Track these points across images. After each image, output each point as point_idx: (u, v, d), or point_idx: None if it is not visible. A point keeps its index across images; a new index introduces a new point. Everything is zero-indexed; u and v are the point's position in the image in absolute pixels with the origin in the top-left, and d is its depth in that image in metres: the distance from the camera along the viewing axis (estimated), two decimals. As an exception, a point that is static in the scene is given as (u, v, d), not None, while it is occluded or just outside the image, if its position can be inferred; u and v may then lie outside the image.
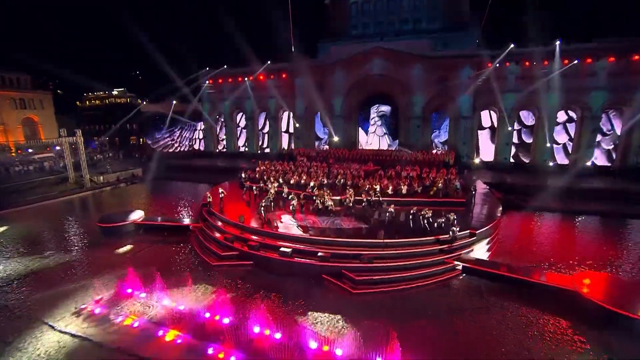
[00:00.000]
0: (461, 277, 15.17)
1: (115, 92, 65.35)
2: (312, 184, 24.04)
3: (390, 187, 22.95)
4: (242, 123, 46.71)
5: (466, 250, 16.44)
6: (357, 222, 18.68)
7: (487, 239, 17.94)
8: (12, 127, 48.58)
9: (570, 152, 34.03)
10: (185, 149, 48.53)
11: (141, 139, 51.57)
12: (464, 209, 21.02)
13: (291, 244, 16.42)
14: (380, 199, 21.56)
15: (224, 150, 47.56)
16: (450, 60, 33.85)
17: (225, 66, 44.15)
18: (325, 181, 24.58)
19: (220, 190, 21.84)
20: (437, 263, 15.65)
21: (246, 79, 42.62)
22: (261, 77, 42.06)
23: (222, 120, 47.02)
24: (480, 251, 17.06)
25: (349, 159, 31.47)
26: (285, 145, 44.90)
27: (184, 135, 50.05)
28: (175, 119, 47.75)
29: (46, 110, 52.50)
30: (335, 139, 38.43)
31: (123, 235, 20.47)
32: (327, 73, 38.54)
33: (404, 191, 22.60)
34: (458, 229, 16.32)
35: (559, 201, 24.79)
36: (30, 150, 46.65)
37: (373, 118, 40.08)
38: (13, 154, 43.71)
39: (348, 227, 18.04)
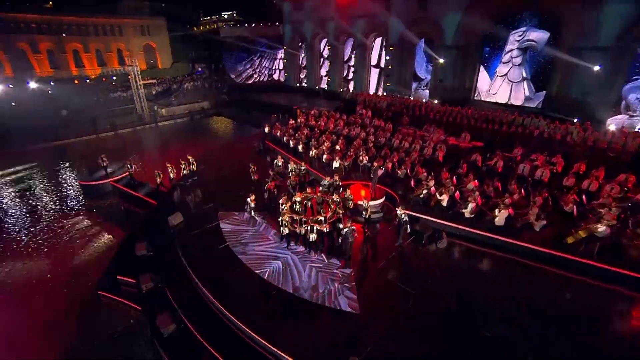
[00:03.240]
0: None
1: (225, 16, 64.04)
2: (335, 164, 14.85)
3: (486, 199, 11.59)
4: (326, 53, 37.22)
5: None
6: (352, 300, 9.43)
7: None
8: (135, 52, 52.75)
9: None
10: (265, 79, 43.46)
11: (221, 68, 48.96)
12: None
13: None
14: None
15: (305, 84, 40.14)
16: None
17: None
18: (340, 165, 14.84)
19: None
20: None
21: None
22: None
23: (304, 47, 38.62)
24: None
25: (440, 121, 19.42)
26: (373, 85, 33.85)
27: (263, 65, 44.61)
28: (257, 44, 42.23)
29: (162, 37, 54.99)
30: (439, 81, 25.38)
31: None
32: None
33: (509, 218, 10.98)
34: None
35: None
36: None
37: (510, 52, 24.11)
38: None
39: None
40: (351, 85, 35.21)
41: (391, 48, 29.09)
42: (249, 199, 12.22)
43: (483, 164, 14.70)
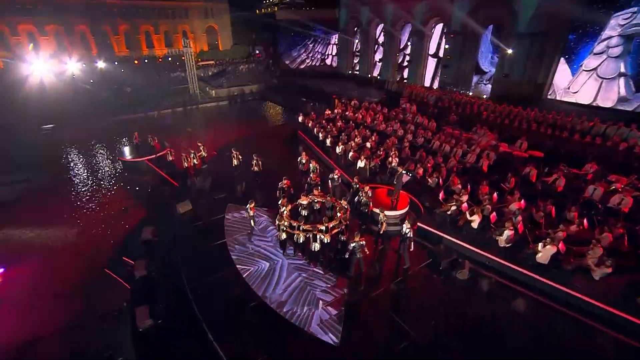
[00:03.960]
0: None
1: (286, -1, 63.47)
2: (360, 164, 13.45)
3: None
4: (381, 39, 34.64)
5: None
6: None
7: None
8: (199, 34, 55.30)
9: None
10: (317, 64, 42.16)
11: (276, 52, 48.60)
12: None
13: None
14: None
15: (357, 72, 38.16)
16: None
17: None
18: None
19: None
20: None
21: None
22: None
23: (359, 33, 36.42)
24: None
25: (495, 123, 16.58)
26: (429, 76, 30.69)
27: (316, 49, 43.22)
28: (311, 28, 41.00)
29: (224, 20, 56.63)
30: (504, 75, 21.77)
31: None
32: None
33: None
34: None
35: None
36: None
37: (606, 40, 19.49)
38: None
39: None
40: (405, 74, 32.44)
41: (452, 35, 25.75)
42: (248, 206, 10.96)
43: (539, 179, 11.99)
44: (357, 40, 37.67)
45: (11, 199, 15.81)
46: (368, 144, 15.38)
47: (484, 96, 23.72)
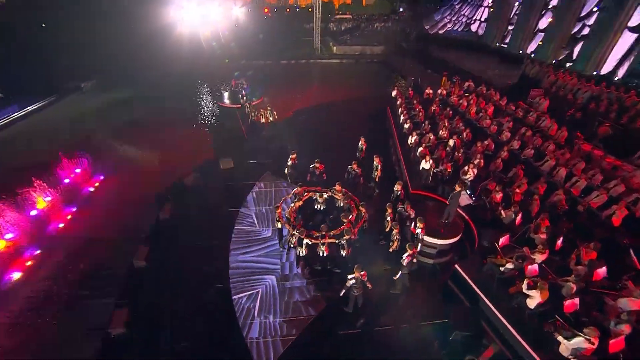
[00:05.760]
0: None
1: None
2: (424, 165, 10.82)
3: None
4: (555, 1, 25.58)
5: None
6: None
7: None
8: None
9: None
10: (460, 29, 34.81)
11: (418, 12, 42.09)
12: None
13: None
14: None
15: (505, 45, 30.16)
16: None
17: None
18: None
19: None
20: None
21: None
22: None
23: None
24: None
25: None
26: (614, 59, 21.47)
27: (462, 12, 35.21)
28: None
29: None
30: None
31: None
32: None
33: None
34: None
35: None
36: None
37: None
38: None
39: None
40: (575, 54, 23.65)
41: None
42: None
43: None
44: (518, 2, 29.08)
45: (135, 119, 19.29)
46: (451, 142, 12.07)
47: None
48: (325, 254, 8.18)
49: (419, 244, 8.07)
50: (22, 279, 9.66)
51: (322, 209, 9.33)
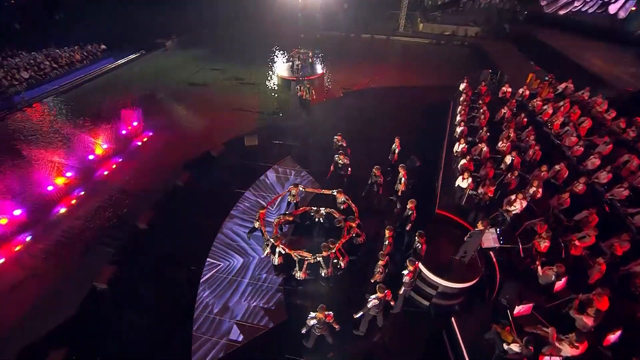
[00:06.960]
0: None
1: None
2: (460, 182, 8.91)
3: None
4: None
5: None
6: None
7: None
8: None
9: None
10: (592, 9, 26.99)
11: None
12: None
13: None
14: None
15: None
16: None
17: None
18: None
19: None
20: None
21: None
22: None
23: None
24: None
25: None
26: None
27: None
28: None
29: None
30: None
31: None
32: None
33: None
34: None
35: None
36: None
37: None
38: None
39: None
40: None
41: None
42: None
43: None
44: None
45: (202, 80, 20.31)
46: (509, 158, 9.55)
47: None
48: (302, 278, 7.30)
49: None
50: (65, 214, 11.13)
51: (322, 221, 8.30)
